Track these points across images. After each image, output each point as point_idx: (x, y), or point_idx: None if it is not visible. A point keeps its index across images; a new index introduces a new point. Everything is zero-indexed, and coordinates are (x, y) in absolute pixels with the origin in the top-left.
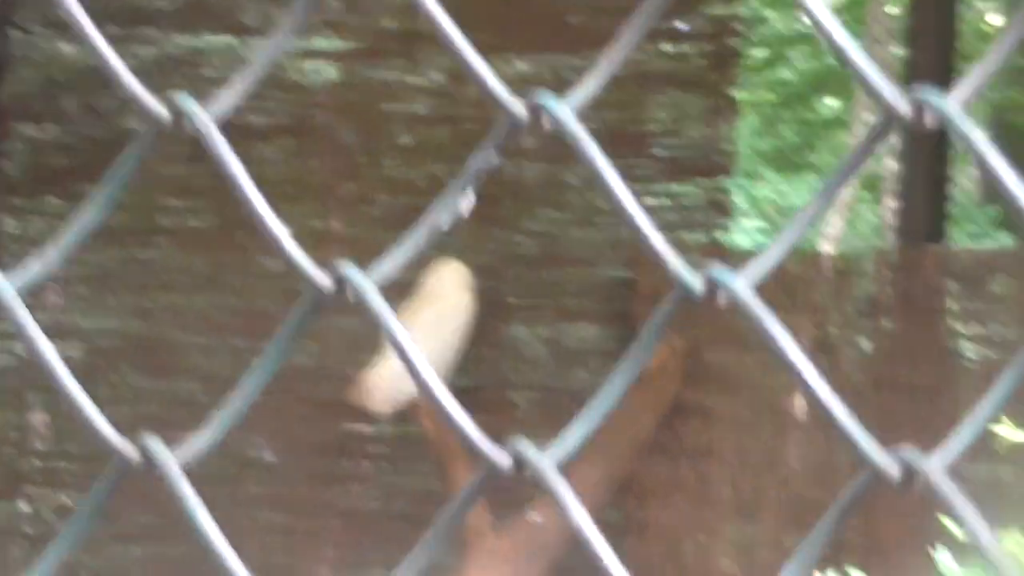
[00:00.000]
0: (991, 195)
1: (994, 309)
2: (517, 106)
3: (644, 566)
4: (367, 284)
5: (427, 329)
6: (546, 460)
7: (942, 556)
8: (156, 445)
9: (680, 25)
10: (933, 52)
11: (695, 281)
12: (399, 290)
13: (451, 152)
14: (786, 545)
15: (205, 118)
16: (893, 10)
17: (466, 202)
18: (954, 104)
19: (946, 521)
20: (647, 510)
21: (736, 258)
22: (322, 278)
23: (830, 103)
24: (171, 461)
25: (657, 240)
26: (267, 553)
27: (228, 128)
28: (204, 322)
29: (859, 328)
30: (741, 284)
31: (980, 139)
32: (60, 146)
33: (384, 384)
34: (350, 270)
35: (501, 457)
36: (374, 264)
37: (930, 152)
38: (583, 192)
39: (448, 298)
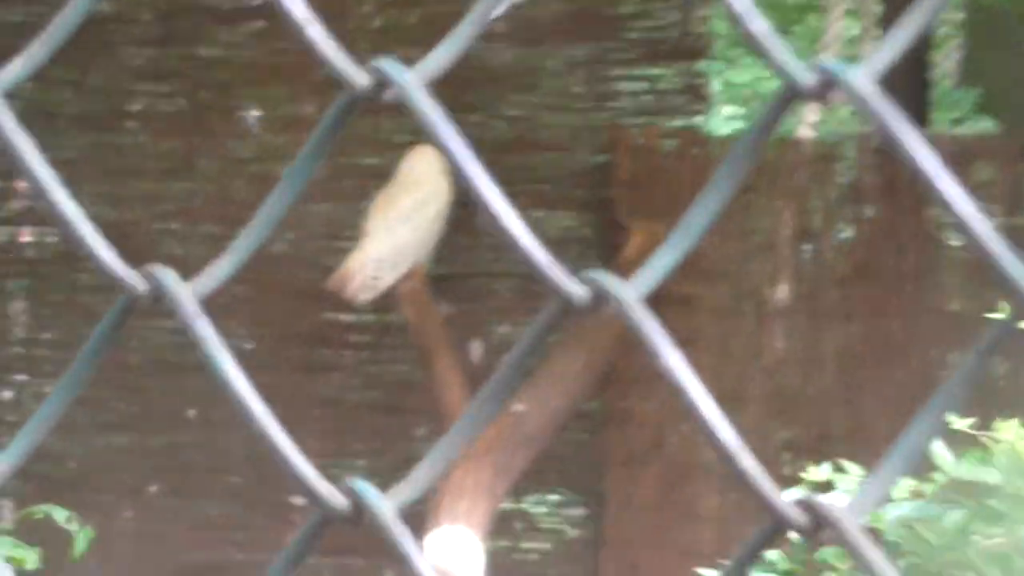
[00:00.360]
0: (972, 79)
1: (976, 194)
2: (360, 76)
3: (626, 457)
4: (410, 78)
5: (405, 216)
6: (387, 505)
7: (935, 446)
8: (168, 276)
9: None
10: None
11: (579, 290)
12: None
13: (420, 36)
14: (770, 433)
15: None
16: None
17: None
18: (864, 80)
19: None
20: (628, 400)
21: (714, 146)
22: (360, 75)
23: None
24: (185, 293)
25: (533, 247)
26: (245, 442)
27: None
28: (177, 208)
29: (842, 215)
30: (630, 294)
31: (894, 116)
32: None
33: (364, 271)
34: (391, 66)
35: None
36: (419, 62)
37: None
38: (558, 76)
39: (425, 184)
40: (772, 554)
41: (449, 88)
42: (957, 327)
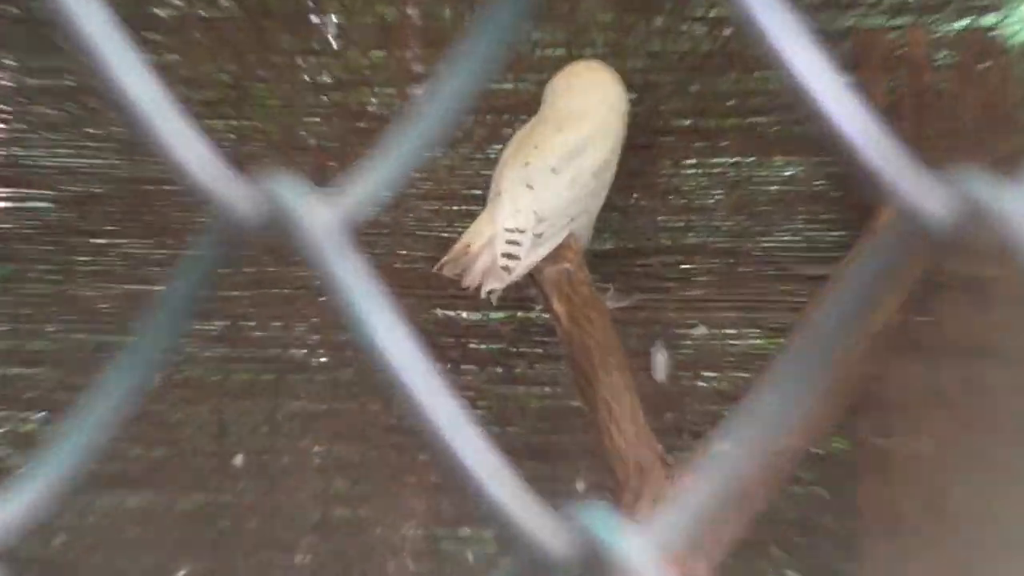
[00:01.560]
0: None
1: None
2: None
3: (888, 523)
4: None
5: (554, 165)
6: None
7: None
8: (292, 189)
9: None
10: None
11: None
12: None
13: None
14: None
15: None
16: None
17: None
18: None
19: None
20: (891, 435)
21: (1014, 58)
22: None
23: None
24: (323, 216)
25: None
26: (319, 501)
27: None
28: (225, 158)
29: None
30: None
31: None
32: None
33: (493, 248)
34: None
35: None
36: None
37: None
38: None
39: (585, 119)
40: None
41: None
42: None
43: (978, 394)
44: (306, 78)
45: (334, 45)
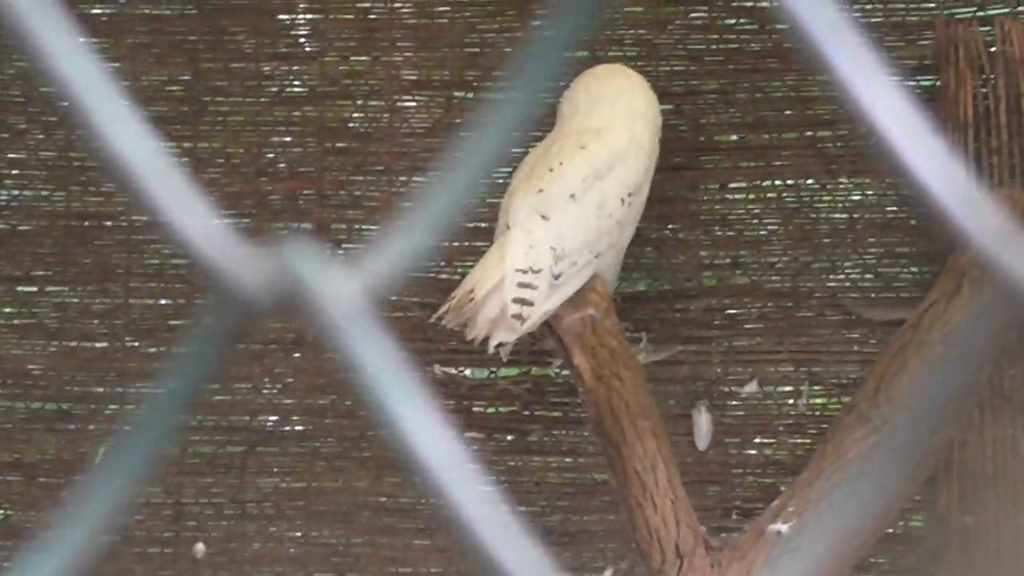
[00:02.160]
0: None
1: None
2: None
3: None
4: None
5: (574, 191)
6: None
7: None
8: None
9: None
10: None
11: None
12: None
13: None
14: None
15: None
16: None
17: None
18: None
19: None
20: (978, 509)
21: None
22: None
23: None
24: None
25: None
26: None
27: None
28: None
29: None
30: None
31: None
32: None
33: (502, 292)
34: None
35: None
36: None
37: None
38: None
39: (611, 135)
40: None
41: None
42: None
43: None
44: (274, 89)
45: (307, 48)
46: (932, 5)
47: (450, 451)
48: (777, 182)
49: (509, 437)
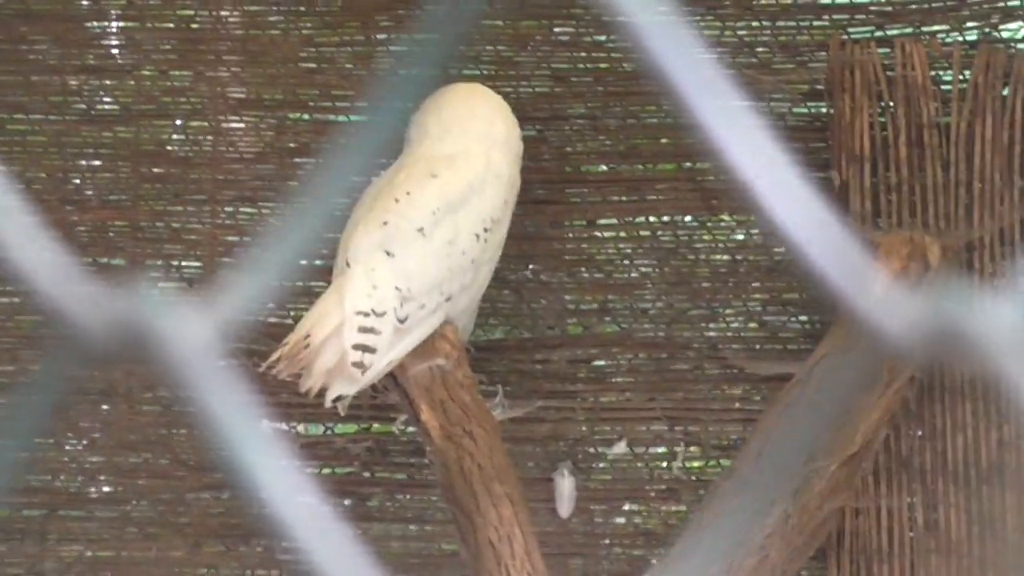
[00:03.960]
0: None
1: None
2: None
3: None
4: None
5: (423, 226)
6: None
7: None
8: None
9: None
10: None
11: None
12: None
13: None
14: None
15: None
16: None
17: None
18: None
19: None
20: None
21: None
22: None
23: None
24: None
25: None
26: None
27: None
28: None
29: None
30: None
31: None
32: None
33: (341, 340)
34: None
35: None
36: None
37: None
38: None
39: (466, 163)
40: None
41: None
42: None
43: (990, 534)
44: (82, 106)
45: (120, 60)
46: (826, 23)
47: (303, 498)
48: (651, 218)
49: (347, 502)
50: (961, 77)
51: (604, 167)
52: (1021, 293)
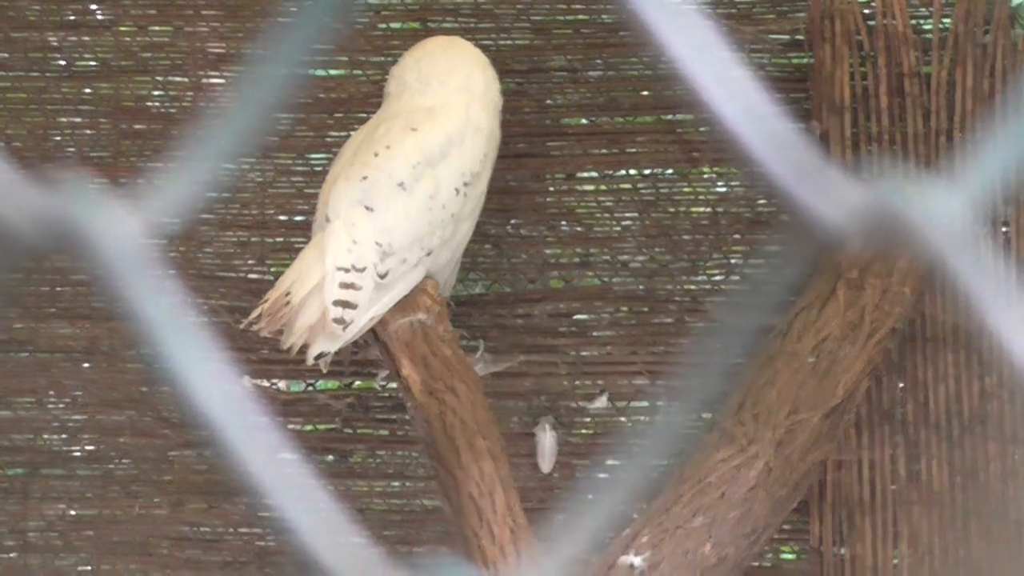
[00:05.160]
0: None
1: None
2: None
3: None
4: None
5: (403, 180)
6: None
7: None
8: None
9: None
10: None
11: None
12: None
13: None
14: None
15: None
16: None
17: None
18: None
19: None
20: (856, 540)
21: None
22: None
23: None
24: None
25: None
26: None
27: None
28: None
29: None
30: None
31: None
32: None
33: (321, 295)
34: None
35: None
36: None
37: None
38: None
39: (445, 114)
40: None
41: None
42: None
43: (972, 484)
44: (62, 62)
45: (99, 16)
46: None
47: (233, 397)
48: (632, 171)
49: (329, 458)
50: (941, 25)
51: (584, 120)
52: (961, 181)
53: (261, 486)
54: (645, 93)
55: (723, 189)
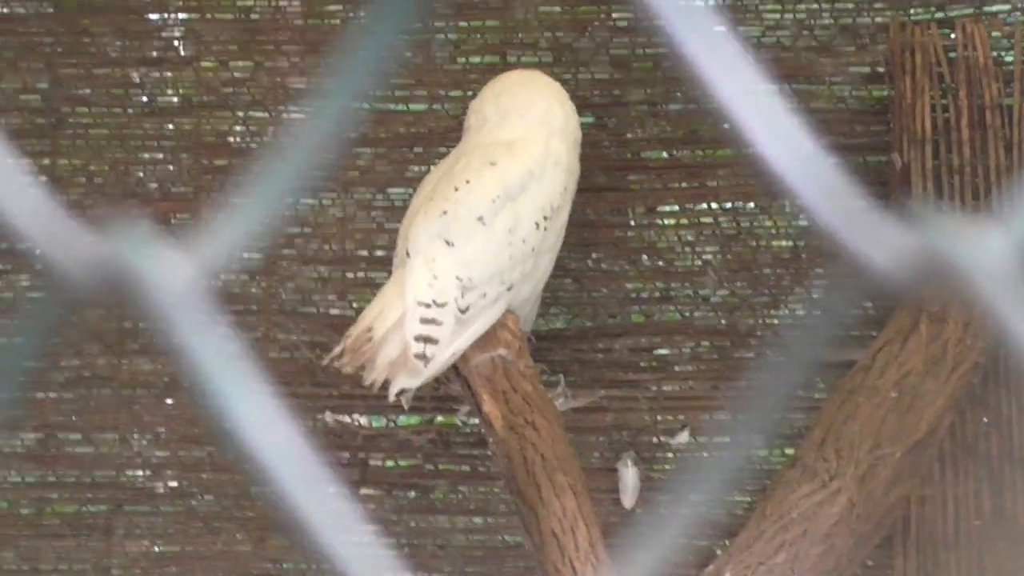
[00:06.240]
0: None
1: None
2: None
3: None
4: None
5: (483, 216)
6: None
7: None
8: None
9: None
10: None
11: None
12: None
13: None
14: None
15: None
16: None
17: None
18: None
19: None
20: (929, 570)
21: None
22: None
23: None
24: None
25: None
26: None
27: None
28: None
29: None
30: None
31: None
32: None
33: (401, 332)
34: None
35: None
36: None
37: None
38: None
39: (526, 151)
40: None
41: None
42: None
43: None
44: (144, 98)
45: (181, 52)
46: (885, 5)
47: (285, 439)
48: (712, 205)
49: (410, 494)
50: (1023, 57)
51: (664, 153)
52: (1009, 222)
53: (307, 524)
54: (725, 126)
55: (804, 223)
